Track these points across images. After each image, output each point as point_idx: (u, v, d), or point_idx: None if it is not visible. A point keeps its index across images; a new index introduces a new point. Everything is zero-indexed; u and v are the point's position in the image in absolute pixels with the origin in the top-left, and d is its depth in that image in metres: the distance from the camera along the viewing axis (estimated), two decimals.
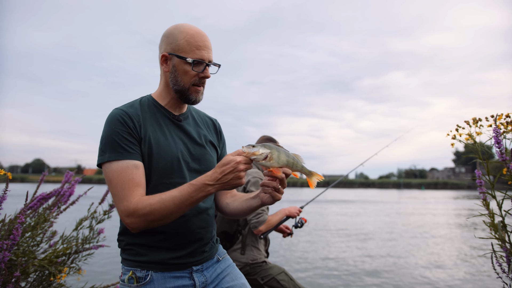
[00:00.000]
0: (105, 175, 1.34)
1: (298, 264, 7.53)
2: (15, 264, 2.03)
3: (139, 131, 1.38)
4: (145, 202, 1.27)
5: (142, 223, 1.28)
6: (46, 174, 2.72)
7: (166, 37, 1.45)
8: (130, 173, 1.31)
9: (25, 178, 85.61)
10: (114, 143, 1.33)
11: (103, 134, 1.36)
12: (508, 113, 1.67)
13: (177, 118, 1.50)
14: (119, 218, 1.43)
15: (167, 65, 1.45)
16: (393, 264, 7.53)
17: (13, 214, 2.13)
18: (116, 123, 1.35)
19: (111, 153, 1.32)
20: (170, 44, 1.43)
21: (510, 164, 1.56)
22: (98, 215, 2.72)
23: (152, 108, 1.47)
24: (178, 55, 1.41)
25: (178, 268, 1.41)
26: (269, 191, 1.32)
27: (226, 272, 1.55)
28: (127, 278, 1.38)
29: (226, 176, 1.23)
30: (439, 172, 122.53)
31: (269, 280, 2.72)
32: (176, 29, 1.44)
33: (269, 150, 1.25)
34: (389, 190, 75.92)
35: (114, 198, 1.31)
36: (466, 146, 1.78)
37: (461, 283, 6.21)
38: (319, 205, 22.67)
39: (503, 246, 1.64)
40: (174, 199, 1.26)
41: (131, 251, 1.41)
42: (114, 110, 1.41)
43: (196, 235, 1.46)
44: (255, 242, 2.87)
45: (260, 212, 2.83)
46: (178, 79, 1.44)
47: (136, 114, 1.40)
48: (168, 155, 1.40)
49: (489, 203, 1.74)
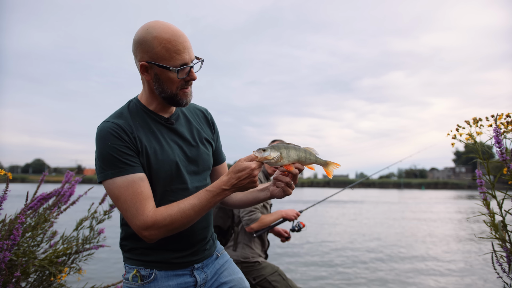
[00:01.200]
0: (109, 192, 1.31)
1: (295, 263, 7.53)
2: (15, 264, 2.03)
3: (135, 143, 1.34)
4: (164, 213, 1.28)
5: (161, 234, 1.29)
6: (47, 174, 2.72)
7: (140, 45, 1.33)
8: (138, 186, 1.29)
9: (26, 178, 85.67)
10: (113, 159, 1.29)
11: (99, 150, 1.31)
12: (508, 113, 1.67)
13: (169, 122, 1.47)
14: (122, 223, 1.44)
15: (149, 74, 1.36)
16: (391, 264, 7.53)
17: (14, 214, 2.13)
18: (110, 138, 1.30)
19: (113, 170, 1.29)
20: (147, 53, 1.32)
21: (511, 164, 1.56)
22: (98, 215, 2.71)
23: (142, 114, 1.42)
24: (159, 64, 1.32)
25: (180, 267, 1.44)
26: (282, 185, 1.37)
27: (224, 267, 1.58)
28: (131, 276, 1.39)
29: (242, 181, 1.29)
30: (440, 172, 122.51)
31: (261, 281, 2.72)
32: (149, 33, 1.31)
33: (278, 151, 1.31)
34: (390, 190, 75.92)
35: (125, 213, 1.29)
36: (467, 146, 1.78)
37: (462, 283, 6.21)
38: (320, 206, 22.66)
39: (504, 246, 1.64)
40: (194, 207, 1.30)
41: (136, 251, 1.42)
42: (103, 123, 1.35)
43: (199, 236, 1.49)
44: (247, 240, 2.86)
45: (252, 210, 2.82)
46: (164, 87, 1.37)
47: (128, 125, 1.35)
48: (167, 163, 1.39)
49: (490, 203, 1.74)
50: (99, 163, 1.31)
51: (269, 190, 1.44)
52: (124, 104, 1.46)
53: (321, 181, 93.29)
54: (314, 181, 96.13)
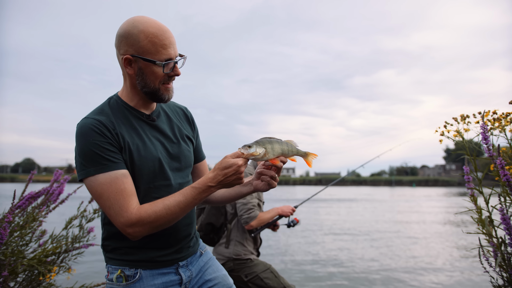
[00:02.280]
0: (91, 189, 1.28)
1: (288, 261, 7.56)
2: (3, 264, 2.01)
3: (118, 139, 1.32)
4: (149, 210, 1.27)
5: (146, 231, 1.28)
6: (35, 173, 2.69)
7: (125, 38, 1.32)
8: (121, 183, 1.27)
9: (15, 177, 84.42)
10: (95, 155, 1.26)
11: (80, 147, 1.27)
12: (494, 110, 1.69)
13: (151, 118, 1.46)
14: (104, 222, 1.41)
15: (132, 68, 1.35)
16: (384, 263, 7.59)
17: (1, 214, 2.11)
18: (91, 134, 1.27)
19: (95, 167, 1.26)
20: (132, 46, 1.32)
21: (497, 160, 1.58)
22: (88, 214, 2.70)
23: (123, 111, 1.40)
24: (144, 58, 1.32)
25: (165, 265, 1.43)
26: (267, 179, 1.39)
27: (208, 265, 1.58)
28: (115, 277, 1.36)
29: (228, 178, 1.29)
30: (430, 169, 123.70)
31: (253, 278, 2.73)
32: (134, 27, 1.31)
33: (263, 146, 1.33)
34: (381, 187, 76.54)
35: (109, 211, 1.26)
36: (456, 143, 1.80)
37: (449, 278, 6.29)
38: (313, 204, 22.76)
39: (490, 241, 1.66)
40: (179, 204, 1.29)
41: (119, 251, 1.40)
42: (85, 120, 1.31)
43: (183, 233, 1.48)
44: (240, 237, 2.87)
45: (251, 207, 2.83)
46: (147, 81, 1.36)
47: (110, 122, 1.32)
48: (149, 160, 1.37)
49: (477, 199, 1.77)
50: (80, 160, 1.28)
51: (252, 184, 1.46)
52: (104, 101, 1.43)
53: (313, 179, 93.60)
54: (306, 179, 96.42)
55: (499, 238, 1.63)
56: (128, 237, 1.28)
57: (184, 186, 1.47)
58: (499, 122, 1.67)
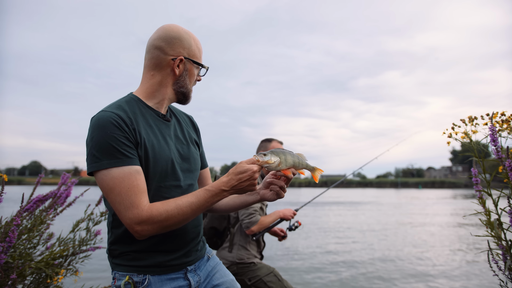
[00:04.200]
0: (102, 183, 1.25)
1: (293, 263, 7.53)
2: (11, 266, 2.02)
3: (135, 135, 1.31)
4: (161, 208, 1.25)
5: (155, 230, 1.25)
6: (43, 176, 2.71)
7: (179, 40, 1.42)
8: (134, 179, 1.25)
9: (22, 180, 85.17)
10: (111, 148, 1.24)
11: (96, 139, 1.25)
12: (503, 112, 1.68)
13: (166, 118, 1.49)
14: (113, 225, 1.39)
15: (179, 69, 1.43)
16: (388, 265, 7.54)
17: (10, 217, 2.12)
18: (110, 127, 1.25)
19: (109, 160, 1.23)
20: (185, 49, 1.43)
21: (506, 162, 1.57)
22: (95, 217, 2.71)
23: (140, 108, 1.41)
24: (194, 61, 1.45)
25: (174, 270, 1.40)
26: (277, 189, 1.41)
27: (216, 270, 1.57)
28: (123, 283, 1.32)
29: (242, 183, 1.30)
30: (436, 171, 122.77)
31: (257, 282, 2.72)
32: (185, 33, 1.45)
33: (278, 156, 1.36)
34: (387, 189, 76.08)
35: (118, 206, 1.23)
36: (463, 144, 1.79)
37: (458, 282, 6.23)
38: (317, 207, 22.69)
39: (499, 244, 1.64)
40: (191, 205, 1.28)
41: (126, 256, 1.37)
42: (103, 112, 1.30)
43: (191, 235, 1.47)
44: (243, 242, 2.87)
45: (252, 212, 2.83)
46: (187, 82, 1.46)
47: (128, 117, 1.32)
48: (163, 158, 1.37)
49: (485, 201, 1.75)
50: (93, 153, 1.25)
51: (259, 194, 1.46)
52: (121, 98, 1.44)
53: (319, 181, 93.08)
54: (311, 181, 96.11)
55: (509, 241, 1.62)
56: (134, 235, 1.26)
57: (193, 188, 1.48)
58: (507, 123, 1.65)
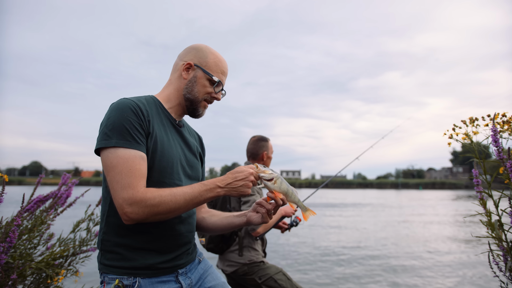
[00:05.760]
0: (106, 159, 1.28)
1: (295, 265, 7.53)
2: (12, 267, 2.02)
3: (148, 125, 1.36)
4: (154, 192, 1.26)
5: (145, 214, 1.24)
6: (43, 177, 2.71)
7: (196, 50, 1.53)
8: (138, 163, 1.28)
9: (23, 180, 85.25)
10: (124, 129, 1.29)
11: (111, 118, 1.30)
12: (504, 113, 1.68)
13: (178, 124, 1.55)
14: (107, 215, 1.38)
15: (188, 73, 1.51)
16: (391, 266, 7.54)
17: (10, 217, 2.12)
18: (128, 111, 1.32)
19: (119, 139, 1.27)
20: (199, 58, 1.51)
21: (507, 163, 1.56)
22: (95, 217, 2.71)
23: (157, 108, 1.47)
24: (204, 69, 1.50)
25: (165, 273, 1.39)
26: (263, 211, 1.43)
27: (208, 273, 1.59)
28: (112, 287, 1.31)
29: (236, 182, 1.33)
30: (437, 172, 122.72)
31: (267, 280, 2.73)
32: (207, 48, 1.54)
33: (276, 175, 1.38)
34: (387, 190, 76.04)
35: (115, 185, 1.25)
36: (464, 145, 1.79)
37: (458, 283, 6.22)
38: (318, 209, 22.67)
39: (500, 245, 1.64)
40: (185, 194, 1.29)
41: (116, 255, 1.35)
42: (124, 99, 1.38)
43: (184, 239, 1.48)
44: (251, 243, 2.89)
45: None
46: (194, 90, 1.50)
47: (145, 109, 1.38)
48: (169, 155, 1.42)
49: (486, 202, 1.75)
50: (105, 131, 1.29)
51: (246, 216, 1.50)
52: (140, 96, 1.49)
53: (319, 182, 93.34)
54: (312, 181, 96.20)
55: (509, 242, 1.61)
56: (122, 218, 1.25)
57: None
58: (508, 125, 1.65)
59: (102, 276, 1.37)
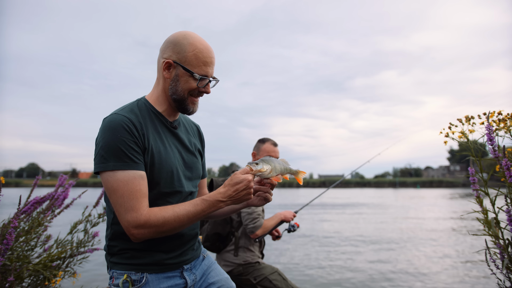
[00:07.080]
0: (106, 183, 1.29)
1: (292, 267, 7.53)
2: (9, 269, 2.01)
3: (143, 140, 1.35)
4: (158, 214, 1.29)
5: (151, 234, 1.29)
6: (40, 178, 2.70)
7: (174, 45, 1.42)
8: (138, 184, 1.29)
9: (20, 182, 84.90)
10: (119, 151, 1.28)
11: (106, 140, 1.29)
12: (500, 111, 1.68)
13: (173, 126, 1.52)
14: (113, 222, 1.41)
15: (169, 72, 1.43)
16: (389, 267, 7.56)
17: (7, 219, 2.11)
18: (120, 130, 1.30)
19: (116, 162, 1.27)
20: (177, 54, 1.41)
21: (503, 161, 1.57)
22: (92, 219, 2.71)
23: (150, 114, 1.44)
24: (184, 67, 1.40)
25: (171, 269, 1.44)
26: (264, 194, 1.47)
27: (211, 268, 1.62)
28: (121, 281, 1.35)
29: (239, 194, 1.34)
30: (434, 171, 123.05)
31: (262, 280, 2.74)
32: (185, 39, 1.41)
33: (269, 164, 1.41)
34: (385, 189, 76.23)
35: (119, 208, 1.28)
36: (460, 144, 1.79)
37: (456, 281, 6.25)
38: (315, 210, 22.70)
39: (497, 243, 1.65)
40: (188, 213, 1.32)
41: (125, 254, 1.40)
42: (115, 115, 1.34)
43: (188, 237, 1.51)
44: (248, 244, 2.90)
45: (256, 217, 2.86)
46: (179, 89, 1.43)
47: (139, 122, 1.36)
48: (168, 166, 1.41)
49: (483, 200, 1.75)
50: (102, 153, 1.29)
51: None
52: (133, 101, 1.47)
53: (317, 181, 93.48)
54: (309, 181, 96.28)
55: (506, 239, 1.62)
56: (130, 238, 1.30)
57: (193, 195, 1.54)
58: (504, 123, 1.66)
59: (110, 271, 1.42)
